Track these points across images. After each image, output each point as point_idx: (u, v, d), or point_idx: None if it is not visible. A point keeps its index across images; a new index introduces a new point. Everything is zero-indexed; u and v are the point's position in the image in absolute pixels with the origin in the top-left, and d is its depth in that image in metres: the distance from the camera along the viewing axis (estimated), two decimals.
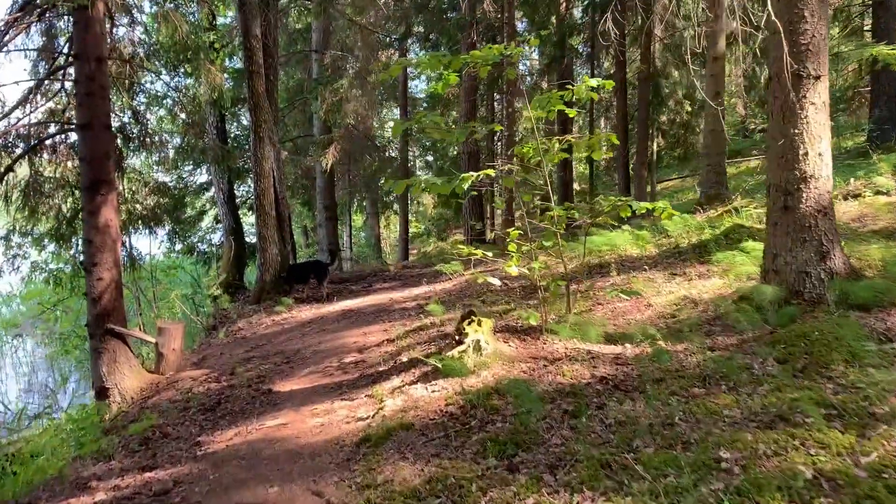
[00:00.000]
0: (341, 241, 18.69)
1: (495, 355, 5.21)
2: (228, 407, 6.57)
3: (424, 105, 25.40)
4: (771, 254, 5.59)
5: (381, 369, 6.34)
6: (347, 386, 6.15)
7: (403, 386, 5.36)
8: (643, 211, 6.16)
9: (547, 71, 21.44)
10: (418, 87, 31.52)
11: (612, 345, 5.50)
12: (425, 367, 5.63)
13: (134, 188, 12.10)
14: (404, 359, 6.35)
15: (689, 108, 23.54)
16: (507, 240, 6.41)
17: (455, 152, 27.23)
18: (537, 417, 4.18)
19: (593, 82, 5.86)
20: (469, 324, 5.30)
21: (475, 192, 17.40)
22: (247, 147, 15.91)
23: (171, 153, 12.11)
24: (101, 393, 7.81)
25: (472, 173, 5.46)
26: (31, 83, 8.74)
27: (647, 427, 3.83)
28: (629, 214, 6.28)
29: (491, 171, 5.56)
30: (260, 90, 11.30)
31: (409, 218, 28.41)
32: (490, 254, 6.17)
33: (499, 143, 21.19)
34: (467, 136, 5.68)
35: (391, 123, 33.82)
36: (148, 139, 10.83)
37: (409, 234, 24.50)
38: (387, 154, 25.52)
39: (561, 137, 6.55)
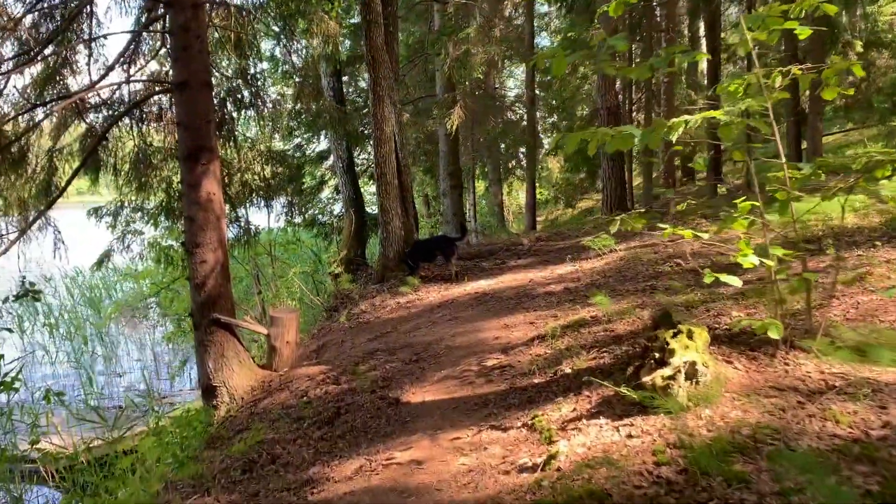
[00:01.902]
0: (466, 211, 17.34)
1: (718, 383, 3.61)
2: (349, 420, 5.37)
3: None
4: None
5: (535, 381, 4.90)
6: (495, 403, 4.76)
7: (579, 419, 3.88)
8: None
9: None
10: (544, 41, 29.45)
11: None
12: (603, 388, 4.13)
13: (249, 157, 11.23)
14: (567, 370, 4.87)
15: (861, 49, 20.33)
16: (724, 210, 4.73)
17: (584, 112, 25.14)
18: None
19: None
20: (675, 336, 3.72)
21: (614, 153, 15.51)
22: (365, 111, 14.79)
23: (285, 116, 11.11)
24: (208, 392, 6.87)
25: (685, 117, 3.83)
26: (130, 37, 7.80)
27: None
28: (888, 174, 4.43)
29: (717, 113, 3.90)
30: (379, 42, 9.99)
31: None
32: (705, 235, 4.50)
33: (641, 96, 19.08)
34: (661, 67, 4.04)
35: (517, 77, 31.99)
36: (260, 102, 9.79)
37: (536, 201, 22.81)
38: (512, 116, 23.86)
39: (783, 69, 4.73)
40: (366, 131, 13.23)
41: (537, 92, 22.66)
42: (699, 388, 3.56)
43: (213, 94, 10.02)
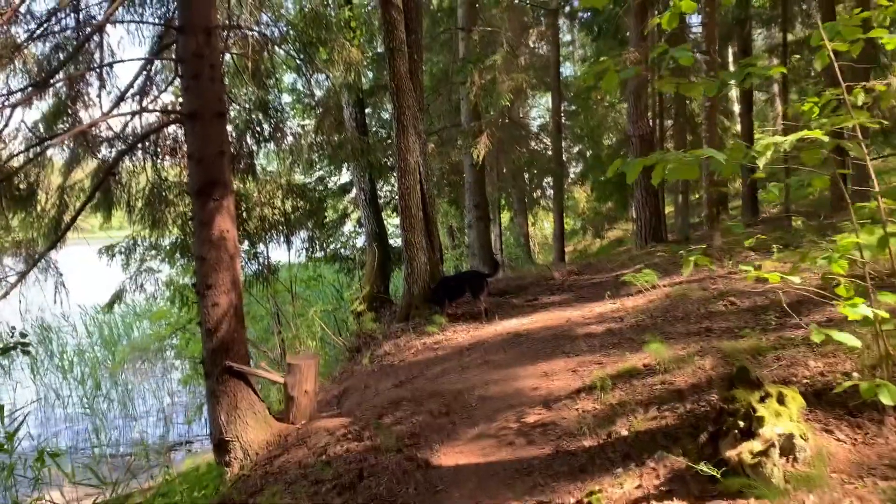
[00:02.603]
0: (492, 243, 16.77)
1: (820, 460, 2.96)
2: (372, 486, 4.75)
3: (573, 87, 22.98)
4: None
5: (586, 444, 4.27)
6: (541, 471, 4.13)
7: (647, 500, 3.24)
8: None
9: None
10: (567, 70, 29.08)
11: None
12: (672, 459, 3.50)
13: (268, 191, 10.80)
14: (623, 431, 4.23)
15: None
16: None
17: (611, 141, 24.57)
18: None
19: None
20: (763, 400, 3.08)
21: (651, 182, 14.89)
22: (388, 141, 14.38)
23: (306, 149, 10.69)
24: (220, 447, 6.29)
25: (775, 138, 3.25)
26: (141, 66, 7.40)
27: None
28: None
29: (817, 133, 3.30)
30: (402, 71, 9.55)
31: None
32: (796, 279, 3.88)
33: (672, 124, 18.52)
34: (734, 80, 3.47)
35: (541, 106, 31.60)
36: (279, 134, 9.37)
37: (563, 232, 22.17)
38: (536, 146, 23.38)
39: (865, 84, 4.15)
40: (389, 162, 12.79)
41: (563, 121, 22.20)
42: (798, 466, 2.92)
43: (231, 126, 9.71)
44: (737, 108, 24.86)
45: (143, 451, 9.10)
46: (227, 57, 8.80)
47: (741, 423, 3.07)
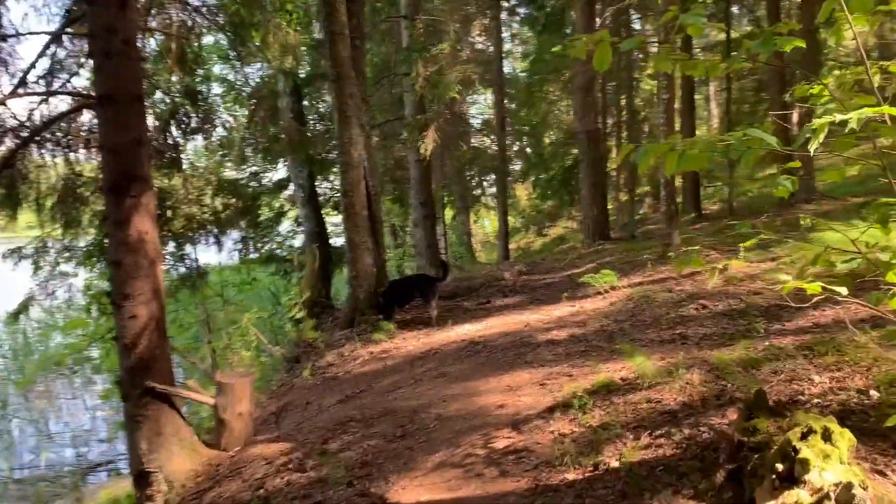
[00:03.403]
0: (438, 243, 16.14)
1: None
2: None
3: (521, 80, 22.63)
4: None
5: (570, 478, 3.69)
6: None
7: None
8: None
9: None
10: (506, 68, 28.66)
11: None
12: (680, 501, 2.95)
13: (197, 187, 9.88)
14: (613, 462, 3.67)
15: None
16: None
17: (551, 139, 24.30)
18: None
19: None
20: (804, 438, 2.54)
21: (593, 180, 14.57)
22: (329, 136, 13.56)
23: (238, 141, 9.81)
24: (141, 479, 5.47)
25: (832, 117, 2.70)
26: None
27: None
28: None
29: (889, 109, 2.77)
30: (344, 56, 8.82)
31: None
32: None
33: (621, 120, 18.31)
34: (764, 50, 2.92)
35: (482, 104, 31.20)
36: (209, 125, 8.51)
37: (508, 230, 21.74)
38: (476, 143, 22.91)
39: (882, 64, 3.68)
40: (330, 156, 12.01)
41: (505, 118, 21.77)
42: None
43: (155, 115, 8.79)
44: (677, 105, 24.99)
45: (56, 475, 8.13)
46: (153, 42, 7.95)
47: (779, 466, 2.53)
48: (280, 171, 14.14)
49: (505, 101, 21.39)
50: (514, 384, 5.61)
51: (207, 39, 8.66)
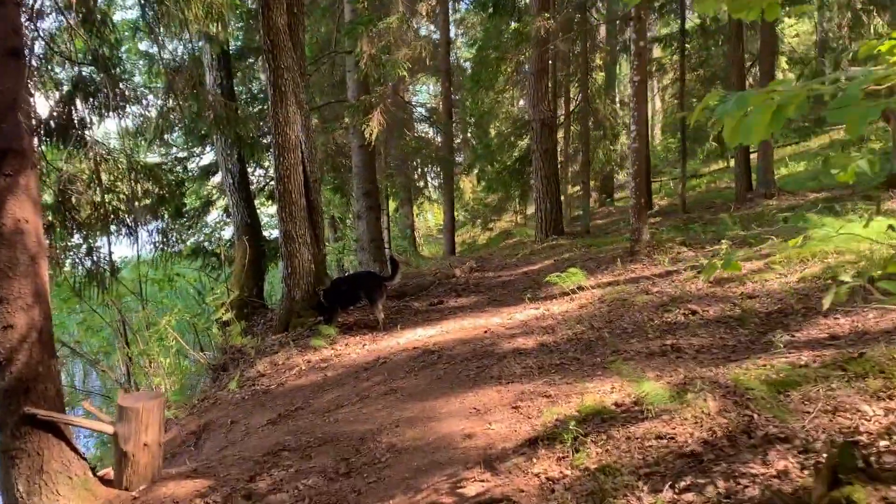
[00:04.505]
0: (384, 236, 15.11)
1: None
2: None
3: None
4: None
5: None
6: None
7: None
8: None
9: None
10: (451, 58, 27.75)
11: None
12: None
13: (107, 171, 8.63)
14: None
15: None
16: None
17: (498, 130, 23.52)
18: None
19: None
20: None
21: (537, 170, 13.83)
22: (262, 117, 12.38)
23: (156, 117, 8.59)
24: None
25: None
26: None
27: None
28: None
29: None
30: (280, 24, 7.75)
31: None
32: None
33: (575, 109, 17.65)
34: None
35: (425, 92, 30.27)
36: (121, 99, 7.33)
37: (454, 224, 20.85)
38: (422, 132, 21.98)
39: None
40: (264, 140, 10.84)
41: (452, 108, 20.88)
42: None
43: (56, 85, 7.56)
44: (627, 93, 24.60)
45: None
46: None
47: None
48: (208, 156, 12.88)
49: (452, 90, 20.49)
50: (482, 405, 4.72)
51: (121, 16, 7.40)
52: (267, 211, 16.60)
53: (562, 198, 16.88)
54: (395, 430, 4.67)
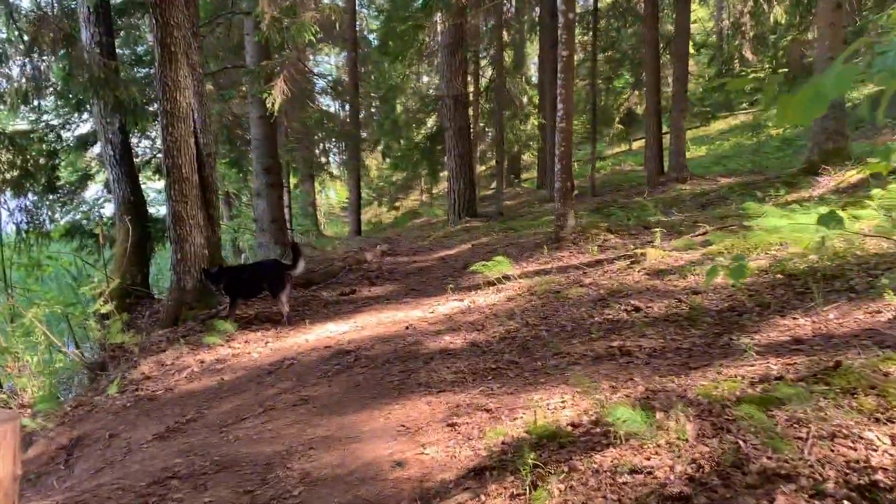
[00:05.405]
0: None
1: None
2: None
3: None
4: None
5: None
6: None
7: None
8: None
9: None
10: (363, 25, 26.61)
11: None
12: None
13: None
14: None
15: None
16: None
17: (405, 106, 22.72)
18: None
19: None
20: None
21: (447, 146, 13.24)
22: (148, 81, 11.09)
23: (17, 76, 7.30)
24: None
25: None
26: None
27: None
28: None
29: None
30: None
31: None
32: None
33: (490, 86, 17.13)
34: None
35: (326, 63, 29.20)
36: None
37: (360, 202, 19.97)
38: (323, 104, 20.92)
39: None
40: (151, 108, 9.63)
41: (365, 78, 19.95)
42: None
43: None
44: (535, 73, 24.38)
45: None
46: None
47: None
48: (87, 125, 11.43)
49: (358, 62, 19.53)
50: (411, 422, 4.07)
51: None
52: (154, 186, 15.19)
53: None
54: (308, 454, 3.95)
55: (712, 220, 7.94)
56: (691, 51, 21.47)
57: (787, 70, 19.37)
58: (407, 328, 6.02)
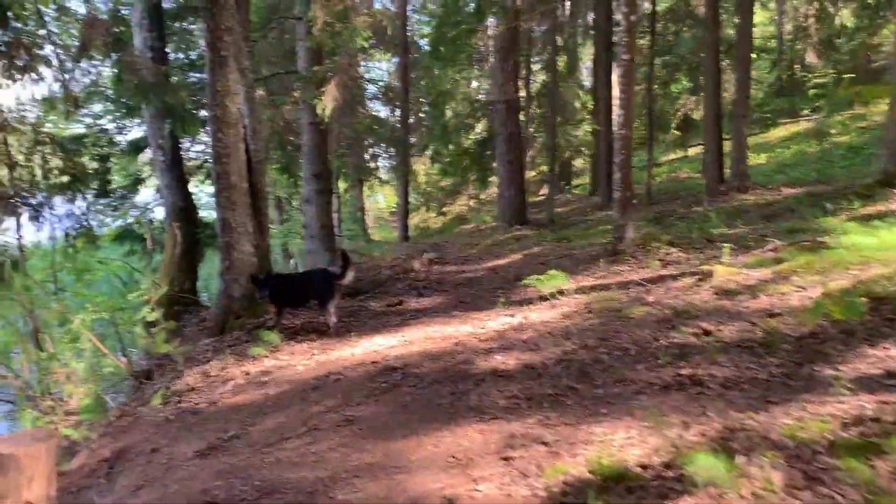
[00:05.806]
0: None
1: None
2: None
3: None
4: None
5: None
6: None
7: None
8: None
9: None
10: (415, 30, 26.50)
11: None
12: None
13: (21, 144, 7.37)
14: None
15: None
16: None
17: (455, 111, 22.50)
18: None
19: None
20: None
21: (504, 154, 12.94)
22: (196, 83, 11.09)
23: (69, 83, 7.32)
24: None
25: None
26: None
27: None
28: None
29: None
30: None
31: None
32: None
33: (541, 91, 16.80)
34: None
35: (377, 69, 29.17)
36: (24, 53, 6.12)
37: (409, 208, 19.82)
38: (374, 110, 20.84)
39: None
40: (201, 113, 9.59)
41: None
42: None
43: None
44: (587, 81, 23.89)
45: None
46: None
47: None
48: (138, 130, 11.50)
49: (408, 67, 19.39)
50: (462, 452, 3.80)
51: None
52: (207, 189, 15.27)
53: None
54: (353, 483, 3.72)
55: (781, 233, 7.48)
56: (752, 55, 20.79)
57: (853, 75, 18.56)
58: (456, 344, 5.76)
